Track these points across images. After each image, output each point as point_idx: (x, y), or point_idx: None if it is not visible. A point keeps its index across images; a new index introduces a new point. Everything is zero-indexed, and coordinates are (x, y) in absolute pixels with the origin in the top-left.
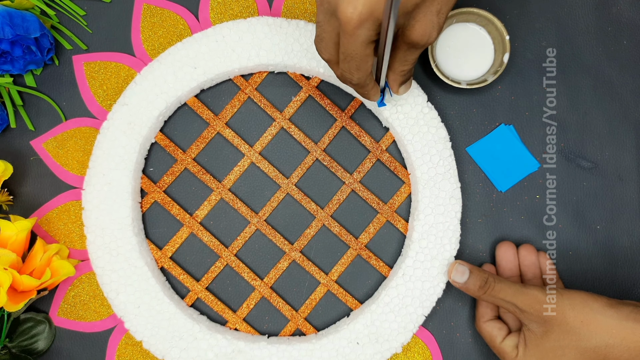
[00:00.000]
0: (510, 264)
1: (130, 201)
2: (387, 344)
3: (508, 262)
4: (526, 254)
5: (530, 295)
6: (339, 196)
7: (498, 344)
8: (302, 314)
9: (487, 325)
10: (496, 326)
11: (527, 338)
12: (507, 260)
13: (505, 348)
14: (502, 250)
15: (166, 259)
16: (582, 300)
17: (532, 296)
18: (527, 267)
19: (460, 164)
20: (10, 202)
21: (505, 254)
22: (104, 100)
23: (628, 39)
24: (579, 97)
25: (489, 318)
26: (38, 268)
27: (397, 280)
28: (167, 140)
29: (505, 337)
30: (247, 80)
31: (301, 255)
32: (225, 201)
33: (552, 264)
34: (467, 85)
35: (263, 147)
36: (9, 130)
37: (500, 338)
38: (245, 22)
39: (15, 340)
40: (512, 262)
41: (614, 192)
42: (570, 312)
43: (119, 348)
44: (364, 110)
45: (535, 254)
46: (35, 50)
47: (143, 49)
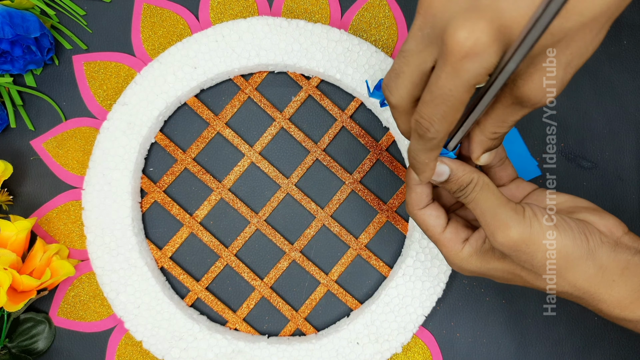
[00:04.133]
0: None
1: (130, 201)
2: (387, 344)
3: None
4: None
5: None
6: (339, 196)
7: (438, 234)
8: (302, 314)
9: (423, 214)
10: (433, 214)
11: (482, 247)
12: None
13: (445, 241)
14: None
15: (166, 259)
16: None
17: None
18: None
19: None
20: (10, 202)
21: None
22: (104, 100)
23: (628, 39)
24: (579, 97)
25: (426, 203)
26: (38, 268)
27: (397, 280)
28: (167, 140)
29: (446, 227)
30: (247, 80)
31: (301, 255)
32: (225, 201)
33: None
34: None
35: (263, 147)
36: (9, 130)
37: (440, 228)
38: (245, 22)
39: (15, 340)
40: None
41: (614, 192)
42: (541, 258)
43: (119, 348)
44: (364, 110)
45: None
46: (35, 50)
47: (143, 49)
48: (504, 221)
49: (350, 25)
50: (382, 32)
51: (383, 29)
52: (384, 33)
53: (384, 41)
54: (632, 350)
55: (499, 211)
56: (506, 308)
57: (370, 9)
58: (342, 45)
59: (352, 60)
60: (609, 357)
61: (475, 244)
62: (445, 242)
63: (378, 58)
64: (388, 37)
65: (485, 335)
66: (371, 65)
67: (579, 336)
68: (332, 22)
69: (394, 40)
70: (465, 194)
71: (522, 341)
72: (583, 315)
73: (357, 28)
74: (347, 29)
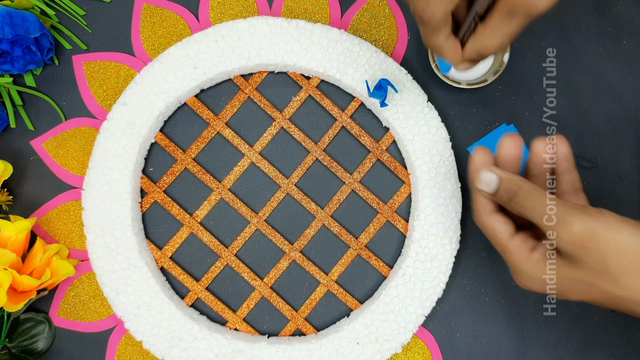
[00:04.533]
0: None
1: (130, 201)
2: (387, 344)
3: (512, 159)
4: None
5: (568, 229)
6: (339, 196)
7: (505, 241)
8: (302, 314)
9: (490, 219)
10: (501, 220)
11: (551, 253)
12: (511, 157)
13: (513, 248)
14: (506, 142)
15: (166, 259)
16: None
17: (571, 230)
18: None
19: (460, 164)
20: (10, 202)
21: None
22: (104, 100)
23: (628, 39)
24: (579, 97)
25: (493, 210)
26: (38, 268)
27: (397, 280)
28: (167, 140)
29: (515, 234)
30: (247, 80)
31: (301, 255)
32: (225, 201)
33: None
34: (467, 85)
35: (263, 147)
36: (9, 130)
37: (507, 235)
38: (245, 22)
39: (15, 340)
40: (516, 160)
41: (614, 192)
42: (614, 256)
43: (119, 348)
44: (364, 110)
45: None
46: (35, 50)
47: (143, 49)
48: (564, 218)
49: (350, 25)
50: (382, 32)
51: (383, 29)
52: (384, 33)
53: (384, 41)
54: (632, 350)
55: (558, 209)
56: (506, 308)
57: (370, 9)
58: (342, 45)
59: (352, 60)
60: (608, 357)
61: (544, 250)
62: (513, 249)
63: (378, 58)
64: (388, 37)
65: (485, 335)
66: (371, 65)
67: (579, 336)
68: (332, 22)
69: (394, 40)
70: (518, 202)
71: (522, 341)
72: (583, 315)
73: (357, 28)
74: (347, 29)
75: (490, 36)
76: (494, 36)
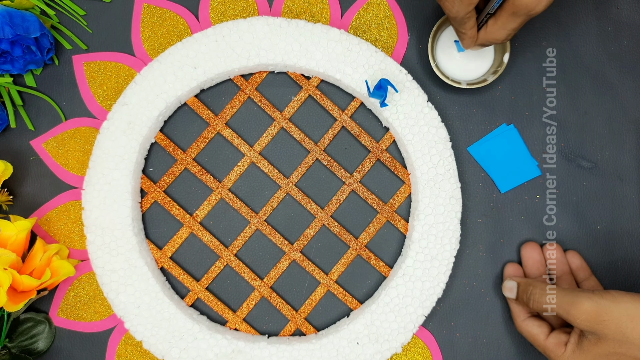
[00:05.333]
0: (537, 264)
1: (130, 201)
2: (387, 344)
3: (534, 261)
4: (553, 251)
5: (580, 308)
6: (339, 196)
7: (542, 341)
8: (302, 314)
9: (526, 324)
10: (535, 324)
11: (579, 339)
12: (534, 260)
13: (551, 346)
14: (527, 251)
15: (166, 259)
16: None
17: (583, 308)
18: (555, 265)
19: (460, 164)
20: (10, 202)
21: (531, 254)
22: (104, 100)
23: (628, 39)
24: (579, 97)
25: (527, 316)
26: (38, 268)
27: (397, 280)
28: (167, 140)
29: (549, 334)
30: (247, 80)
31: (301, 255)
32: (225, 201)
33: (583, 260)
34: (467, 85)
35: (263, 147)
36: (9, 130)
37: (543, 335)
38: (245, 22)
39: (15, 340)
40: (538, 261)
41: (614, 192)
42: (629, 324)
43: (119, 348)
44: (364, 110)
45: (562, 251)
46: (35, 50)
47: (143, 49)
48: (573, 300)
49: (350, 25)
50: (382, 32)
51: (383, 29)
52: (384, 33)
53: (384, 41)
54: None
55: (567, 294)
56: (506, 308)
57: (370, 9)
58: (342, 45)
59: (352, 60)
60: None
61: (574, 340)
62: (551, 347)
63: (378, 58)
64: (388, 37)
65: (485, 335)
66: (371, 65)
67: None
68: (332, 22)
69: (394, 40)
70: (534, 298)
71: (522, 341)
72: None
73: (357, 28)
74: (347, 29)
75: (500, 30)
76: (502, 30)
